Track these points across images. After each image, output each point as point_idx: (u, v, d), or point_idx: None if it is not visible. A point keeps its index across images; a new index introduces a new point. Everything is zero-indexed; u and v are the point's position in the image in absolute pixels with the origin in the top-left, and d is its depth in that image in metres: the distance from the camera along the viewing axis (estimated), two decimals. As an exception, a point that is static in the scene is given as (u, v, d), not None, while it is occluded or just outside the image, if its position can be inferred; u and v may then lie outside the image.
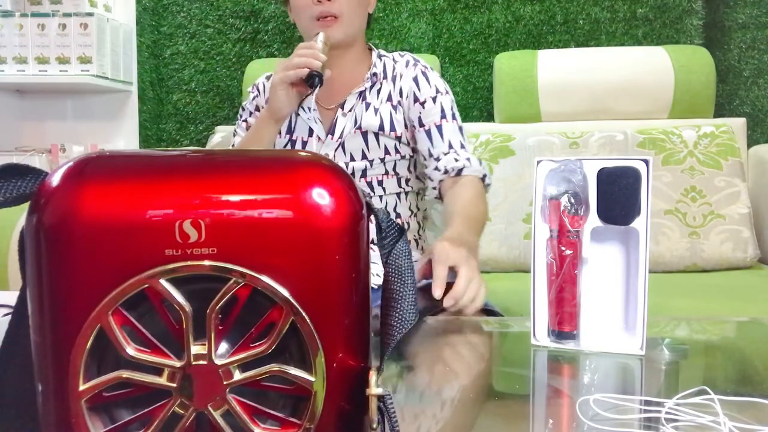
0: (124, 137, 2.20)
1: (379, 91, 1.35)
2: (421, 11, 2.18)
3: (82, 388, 0.36)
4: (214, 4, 2.22)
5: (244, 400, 0.38)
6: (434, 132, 1.32)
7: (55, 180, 0.37)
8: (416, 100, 1.33)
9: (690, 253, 1.71)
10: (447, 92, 1.35)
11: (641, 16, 2.13)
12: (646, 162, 0.70)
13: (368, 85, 1.35)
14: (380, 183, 1.33)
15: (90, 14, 1.99)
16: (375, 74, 1.36)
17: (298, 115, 1.35)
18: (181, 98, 2.27)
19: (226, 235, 0.36)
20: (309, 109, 1.34)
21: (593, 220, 0.72)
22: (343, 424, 0.39)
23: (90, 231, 0.35)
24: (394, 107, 1.34)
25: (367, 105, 1.33)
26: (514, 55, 2.02)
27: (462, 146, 1.31)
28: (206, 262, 0.36)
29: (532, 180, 0.82)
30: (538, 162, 0.73)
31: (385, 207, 1.35)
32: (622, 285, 0.74)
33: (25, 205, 0.39)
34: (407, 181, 1.36)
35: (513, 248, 1.77)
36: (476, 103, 2.20)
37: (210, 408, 0.37)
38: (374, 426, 0.38)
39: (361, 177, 1.34)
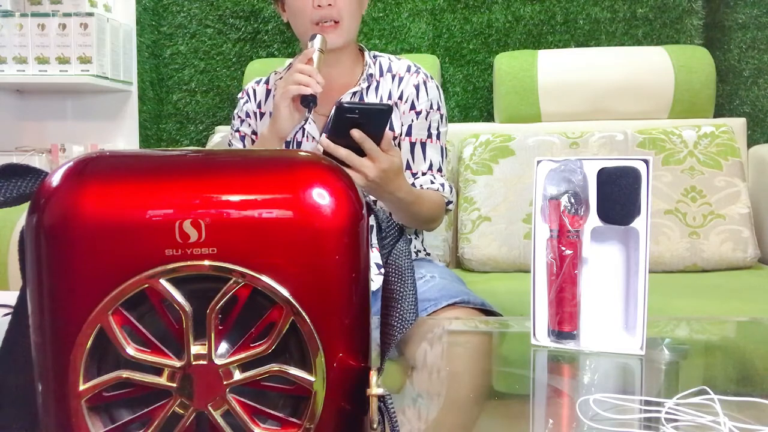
0: (124, 137, 2.20)
1: (377, 89, 1.37)
2: (421, 11, 2.17)
3: (82, 388, 0.36)
4: (214, 4, 2.22)
5: (244, 400, 0.38)
6: (418, 148, 1.35)
7: (55, 180, 0.37)
8: (413, 107, 1.36)
9: (690, 253, 1.71)
10: (439, 108, 1.38)
11: (641, 16, 2.13)
12: (646, 162, 0.70)
13: (365, 85, 1.36)
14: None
15: (90, 14, 1.99)
16: (371, 75, 1.37)
17: None
18: (181, 98, 2.27)
19: (226, 235, 0.36)
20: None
21: (593, 220, 0.72)
22: (343, 424, 0.39)
23: (90, 231, 0.35)
24: (396, 104, 1.35)
25: None
26: (514, 55, 2.02)
27: (440, 169, 1.36)
28: (206, 262, 0.36)
29: (532, 180, 0.82)
30: (538, 162, 0.73)
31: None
32: (622, 285, 0.74)
33: (25, 205, 0.39)
34: None
35: (513, 248, 1.77)
36: (476, 103, 2.20)
37: (210, 408, 0.37)
38: (374, 426, 0.38)
39: None
